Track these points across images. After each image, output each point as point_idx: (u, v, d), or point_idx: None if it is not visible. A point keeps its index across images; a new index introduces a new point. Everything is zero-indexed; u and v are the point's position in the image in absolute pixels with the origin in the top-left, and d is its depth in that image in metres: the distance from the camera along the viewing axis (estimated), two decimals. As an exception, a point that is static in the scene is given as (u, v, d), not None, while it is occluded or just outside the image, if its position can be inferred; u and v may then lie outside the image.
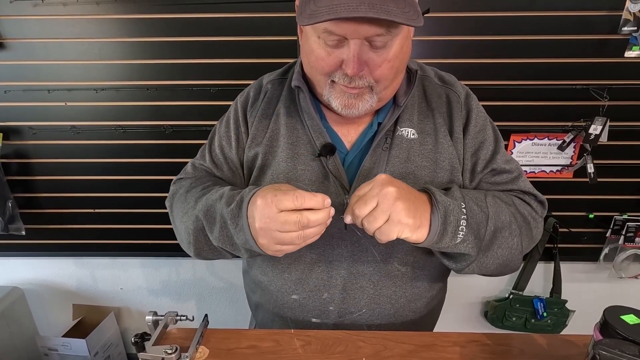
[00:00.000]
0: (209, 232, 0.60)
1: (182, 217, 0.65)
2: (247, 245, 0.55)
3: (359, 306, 0.67)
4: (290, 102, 0.70)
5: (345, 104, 0.60)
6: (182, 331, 0.60)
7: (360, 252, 0.65)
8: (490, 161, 0.68)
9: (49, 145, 1.30)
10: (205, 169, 0.74)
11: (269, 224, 0.51)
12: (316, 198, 0.50)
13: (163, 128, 1.26)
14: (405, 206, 0.51)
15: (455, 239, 0.55)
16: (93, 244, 1.45)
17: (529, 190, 0.70)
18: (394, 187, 0.51)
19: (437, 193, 0.56)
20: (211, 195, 0.62)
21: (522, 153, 1.26)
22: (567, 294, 1.43)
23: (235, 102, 0.74)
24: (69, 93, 1.24)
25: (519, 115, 1.23)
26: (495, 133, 0.71)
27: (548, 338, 0.58)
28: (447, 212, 0.54)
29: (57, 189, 1.36)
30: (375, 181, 0.53)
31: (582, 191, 1.31)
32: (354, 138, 0.68)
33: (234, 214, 0.56)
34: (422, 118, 0.68)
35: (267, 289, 0.71)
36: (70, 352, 1.47)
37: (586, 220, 1.35)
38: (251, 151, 0.69)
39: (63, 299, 1.60)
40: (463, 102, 0.69)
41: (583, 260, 1.43)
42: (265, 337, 0.60)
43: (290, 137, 0.67)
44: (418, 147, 0.66)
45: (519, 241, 0.62)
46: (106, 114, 1.25)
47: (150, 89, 1.22)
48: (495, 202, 0.61)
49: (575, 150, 1.25)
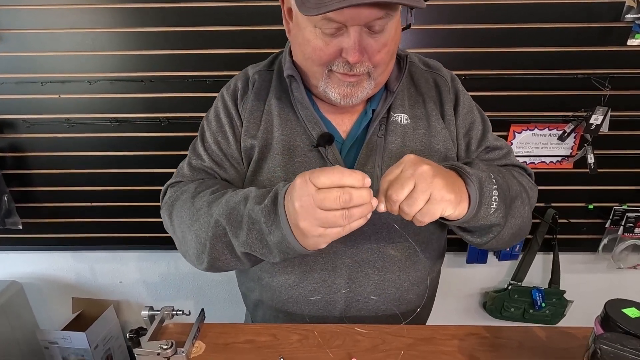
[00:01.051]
0: (234, 237, 0.55)
1: (190, 225, 0.59)
2: (283, 242, 0.50)
3: (365, 294, 0.67)
4: (281, 93, 0.68)
5: (344, 94, 0.59)
6: (178, 326, 0.60)
7: (363, 240, 0.65)
8: (483, 140, 0.71)
9: (43, 138, 1.28)
10: (205, 169, 0.69)
11: (308, 202, 0.45)
12: (355, 174, 0.45)
13: (159, 120, 1.25)
14: (444, 182, 0.48)
15: (489, 209, 0.54)
16: (91, 238, 1.44)
17: (519, 164, 0.74)
18: (427, 164, 0.49)
19: (465, 167, 0.54)
20: (232, 198, 0.57)
21: (522, 144, 1.25)
22: (566, 284, 1.44)
23: (222, 95, 0.71)
24: (63, 85, 1.22)
25: (519, 105, 1.21)
26: (481, 113, 0.74)
27: (547, 330, 0.58)
28: (482, 184, 0.53)
29: (53, 182, 1.34)
30: (405, 162, 0.50)
31: (581, 182, 1.30)
32: (348, 127, 0.68)
33: (269, 210, 0.51)
34: (413, 103, 0.69)
35: (269, 286, 0.70)
36: (70, 345, 1.48)
37: (586, 211, 1.35)
38: (247, 142, 0.67)
39: (62, 293, 1.59)
40: (450, 85, 0.71)
41: (582, 251, 1.43)
42: (262, 331, 0.59)
43: (284, 128, 0.66)
44: (412, 132, 0.67)
45: (529, 209, 0.63)
46: (101, 107, 1.24)
47: (144, 81, 1.20)
48: (502, 172, 0.62)
49: (575, 141, 1.24)
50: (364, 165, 0.64)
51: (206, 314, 0.64)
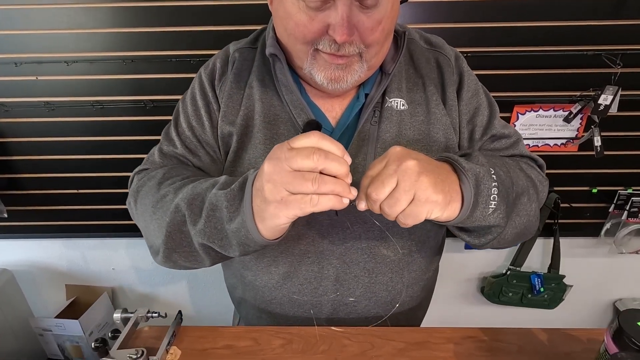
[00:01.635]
0: (191, 225, 0.49)
1: (153, 213, 0.54)
2: (242, 230, 0.45)
3: (354, 297, 0.63)
4: (264, 74, 0.61)
5: (332, 77, 0.52)
6: (154, 330, 0.56)
7: (353, 239, 0.60)
8: (488, 127, 0.63)
9: (23, 123, 1.22)
10: (177, 156, 0.64)
11: (279, 161, 0.41)
12: (336, 143, 0.41)
13: (143, 103, 1.18)
14: (431, 180, 0.43)
15: (487, 209, 0.47)
16: (80, 225, 1.41)
17: (528, 154, 0.67)
18: (413, 159, 0.43)
19: (461, 160, 0.48)
20: (200, 184, 0.52)
21: (525, 126, 1.19)
22: (565, 269, 1.41)
23: (199, 76, 0.65)
24: (39, 66, 1.15)
25: (523, 85, 1.14)
26: (488, 97, 0.66)
27: (549, 333, 0.55)
28: (479, 181, 0.47)
29: (36, 169, 1.29)
30: (389, 156, 0.45)
31: (586, 165, 1.25)
32: (338, 113, 0.61)
33: (233, 195, 0.46)
34: (412, 86, 0.62)
35: (252, 284, 0.66)
36: (64, 332, 1.47)
37: (589, 195, 1.30)
38: (224, 128, 0.61)
39: (55, 280, 1.58)
40: (454, 66, 0.63)
41: (583, 235, 1.40)
42: (243, 335, 0.56)
43: (267, 114, 0.60)
44: (409, 119, 0.60)
45: (536, 207, 0.57)
46: (81, 89, 1.17)
47: (126, 61, 1.12)
48: (509, 166, 0.56)
49: (582, 122, 1.18)
50: (355, 157, 0.58)
51: (200, 301, 0.60)
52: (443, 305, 1.59)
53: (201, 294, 1.60)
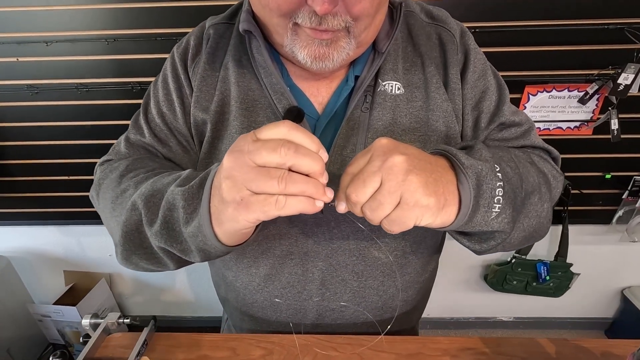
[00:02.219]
0: (147, 226, 0.43)
1: (112, 209, 0.49)
2: (199, 234, 0.39)
3: (341, 301, 0.57)
4: (241, 54, 0.54)
5: (316, 55, 0.45)
6: (126, 337, 0.52)
7: (340, 239, 0.54)
8: (496, 114, 0.55)
9: (6, 107, 1.17)
10: (145, 146, 0.57)
11: (241, 154, 0.35)
12: (310, 136, 0.35)
13: (130, 86, 1.12)
14: (422, 180, 0.37)
15: (489, 213, 0.41)
16: (74, 212, 1.38)
17: (542, 145, 0.59)
18: (401, 154, 0.37)
19: (460, 155, 0.41)
20: (161, 179, 0.46)
21: (537, 107, 1.11)
22: (573, 256, 1.36)
23: (172, 55, 0.58)
24: (19, 47, 1.08)
25: (535, 63, 1.06)
26: (497, 79, 0.58)
27: (557, 344, 0.49)
28: (480, 180, 0.40)
29: (24, 155, 1.25)
30: (373, 149, 0.38)
31: (600, 149, 1.18)
32: (325, 98, 0.54)
33: (192, 193, 0.40)
34: (409, 67, 0.54)
35: (233, 285, 0.61)
36: (63, 318, 1.47)
37: (602, 180, 1.23)
38: (198, 115, 0.54)
39: (53, 266, 1.57)
40: (459, 43, 0.55)
41: (593, 223, 1.33)
42: (220, 344, 0.51)
43: (244, 100, 0.53)
44: (405, 105, 0.53)
45: (548, 206, 0.49)
46: (63, 71, 1.11)
47: (108, 40, 1.06)
48: (519, 160, 0.49)
49: (598, 104, 1.09)
50: (343, 148, 0.51)
51: (199, 286, 0.55)
52: (444, 293, 1.55)
53: (199, 280, 1.58)
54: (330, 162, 0.51)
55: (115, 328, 0.51)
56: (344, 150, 0.51)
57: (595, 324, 1.62)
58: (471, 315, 1.66)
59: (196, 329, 1.67)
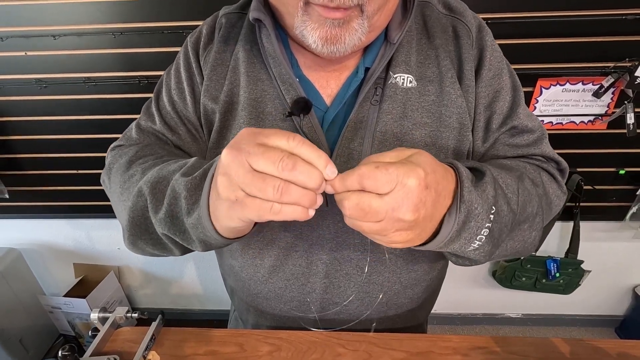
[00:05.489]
0: (153, 213, 0.44)
1: (120, 193, 0.50)
2: (199, 225, 0.40)
3: (345, 296, 0.57)
4: (251, 44, 0.54)
5: (327, 37, 0.43)
6: (135, 331, 0.52)
7: (345, 233, 0.54)
8: (509, 116, 0.54)
9: (15, 101, 1.18)
10: (156, 133, 0.58)
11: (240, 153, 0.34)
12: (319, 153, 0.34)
13: (137, 80, 1.12)
14: (416, 233, 0.38)
15: (466, 246, 0.41)
16: (83, 206, 1.39)
17: (552, 155, 0.57)
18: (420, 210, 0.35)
19: (465, 183, 0.39)
20: (168, 166, 0.46)
21: (550, 101, 1.08)
22: (584, 253, 1.33)
23: (185, 45, 0.58)
24: (27, 40, 1.09)
25: (548, 55, 1.03)
26: (513, 79, 0.55)
27: (571, 344, 0.48)
28: (469, 216, 0.39)
29: (33, 149, 1.26)
30: (400, 179, 0.34)
31: (614, 144, 1.15)
32: (334, 90, 0.53)
33: (196, 184, 0.41)
34: (423, 60, 0.52)
35: (239, 276, 0.61)
36: (73, 310, 1.49)
37: (615, 176, 1.20)
38: (207, 105, 0.54)
39: (63, 259, 1.59)
40: (475, 38, 0.53)
41: (606, 219, 1.31)
42: (228, 339, 0.51)
43: (252, 90, 0.52)
44: (417, 99, 0.51)
45: (536, 235, 0.49)
46: (70, 65, 1.11)
47: (115, 34, 1.05)
48: (525, 189, 0.47)
49: (613, 97, 1.06)
50: (350, 141, 0.50)
51: (206, 279, 0.55)
52: (452, 288, 1.54)
53: (208, 272, 1.59)
54: (336, 156, 0.50)
55: (123, 322, 0.51)
56: (351, 144, 0.50)
57: (605, 321, 1.60)
58: (478, 312, 1.65)
59: (204, 321, 1.69)
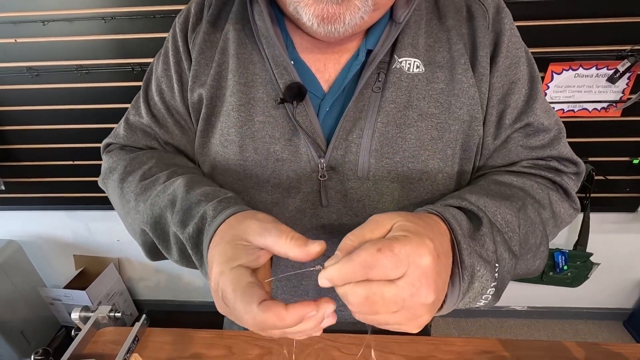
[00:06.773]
0: (165, 251, 0.44)
1: (124, 216, 0.49)
2: (206, 272, 0.40)
3: (340, 300, 0.53)
4: (243, 23, 0.49)
5: (324, 15, 0.38)
6: (118, 332, 0.49)
7: (340, 234, 0.50)
8: (524, 112, 0.48)
9: (6, 90, 1.15)
10: (144, 127, 0.54)
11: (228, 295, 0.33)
12: (294, 316, 0.33)
13: (130, 67, 1.08)
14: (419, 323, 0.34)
15: (472, 303, 0.38)
16: (81, 197, 1.37)
17: (570, 157, 0.51)
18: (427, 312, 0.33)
19: (463, 245, 0.35)
20: (157, 200, 0.44)
21: (561, 87, 1.03)
22: (594, 245, 1.29)
23: (173, 26, 0.53)
24: (16, 27, 1.05)
25: (560, 38, 0.97)
26: (531, 69, 0.49)
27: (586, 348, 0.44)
28: (473, 279, 0.36)
29: (27, 140, 1.24)
30: (409, 272, 0.31)
31: (628, 132, 1.10)
32: (332, 75, 0.47)
33: (194, 242, 0.40)
34: (432, 43, 0.47)
35: None
36: (73, 302, 1.49)
37: (629, 166, 1.15)
38: (194, 93, 0.50)
39: (63, 250, 1.58)
40: (491, 20, 0.47)
41: (617, 210, 1.26)
42: (215, 341, 0.48)
43: (242, 74, 0.47)
44: (424, 86, 0.46)
45: (540, 263, 0.45)
46: (62, 52, 1.08)
47: (105, 18, 1.01)
48: (527, 219, 0.43)
49: (629, 83, 1.01)
50: (349, 133, 0.45)
51: None
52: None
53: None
54: (333, 148, 0.46)
55: (106, 322, 0.48)
56: (349, 135, 0.46)
57: (612, 314, 1.57)
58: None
59: (204, 313, 1.68)
